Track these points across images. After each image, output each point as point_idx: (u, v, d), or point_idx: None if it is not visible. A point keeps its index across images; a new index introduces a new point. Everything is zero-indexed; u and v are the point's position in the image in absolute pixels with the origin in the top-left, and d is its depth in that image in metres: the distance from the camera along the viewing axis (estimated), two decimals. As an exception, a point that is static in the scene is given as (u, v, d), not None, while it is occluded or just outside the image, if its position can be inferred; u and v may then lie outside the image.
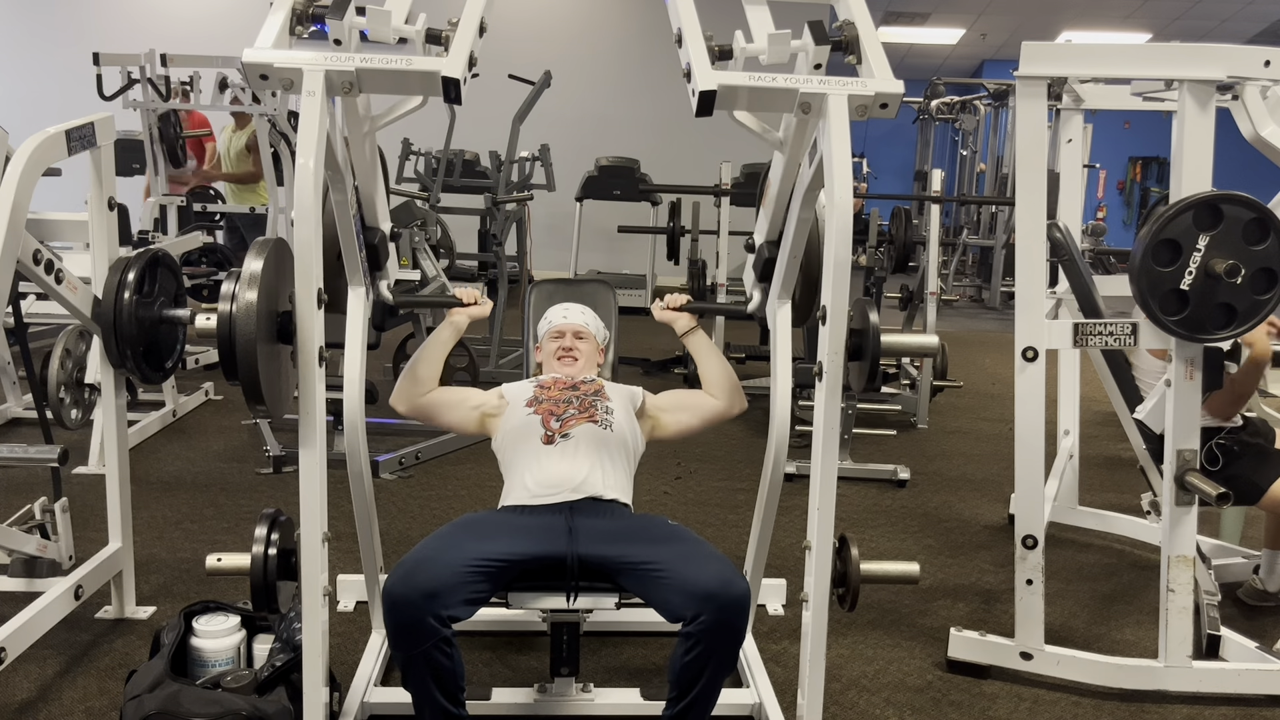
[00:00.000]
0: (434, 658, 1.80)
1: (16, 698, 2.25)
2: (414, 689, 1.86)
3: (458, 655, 1.83)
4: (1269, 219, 2.16)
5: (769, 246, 2.23)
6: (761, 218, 2.29)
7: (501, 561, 1.88)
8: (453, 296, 2.41)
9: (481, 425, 2.32)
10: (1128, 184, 14.81)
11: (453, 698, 1.85)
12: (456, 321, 2.37)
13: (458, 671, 1.84)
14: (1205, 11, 11.34)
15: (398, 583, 1.79)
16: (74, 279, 2.33)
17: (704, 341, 2.39)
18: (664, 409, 2.37)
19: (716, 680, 1.86)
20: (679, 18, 1.86)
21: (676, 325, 2.40)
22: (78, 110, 2.59)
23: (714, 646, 1.81)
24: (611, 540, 1.97)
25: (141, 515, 3.25)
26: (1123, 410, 3.05)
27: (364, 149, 2.09)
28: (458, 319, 2.38)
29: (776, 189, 2.14)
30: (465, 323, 2.38)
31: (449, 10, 1.81)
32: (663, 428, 2.35)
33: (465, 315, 2.38)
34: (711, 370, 2.36)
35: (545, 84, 5.71)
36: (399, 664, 1.86)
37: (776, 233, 2.20)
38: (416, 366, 2.31)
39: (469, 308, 2.38)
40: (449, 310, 2.41)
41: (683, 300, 2.41)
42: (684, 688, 1.86)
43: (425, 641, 1.78)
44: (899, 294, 5.16)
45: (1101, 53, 2.42)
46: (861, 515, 3.72)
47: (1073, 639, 2.67)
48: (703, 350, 2.38)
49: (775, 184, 2.15)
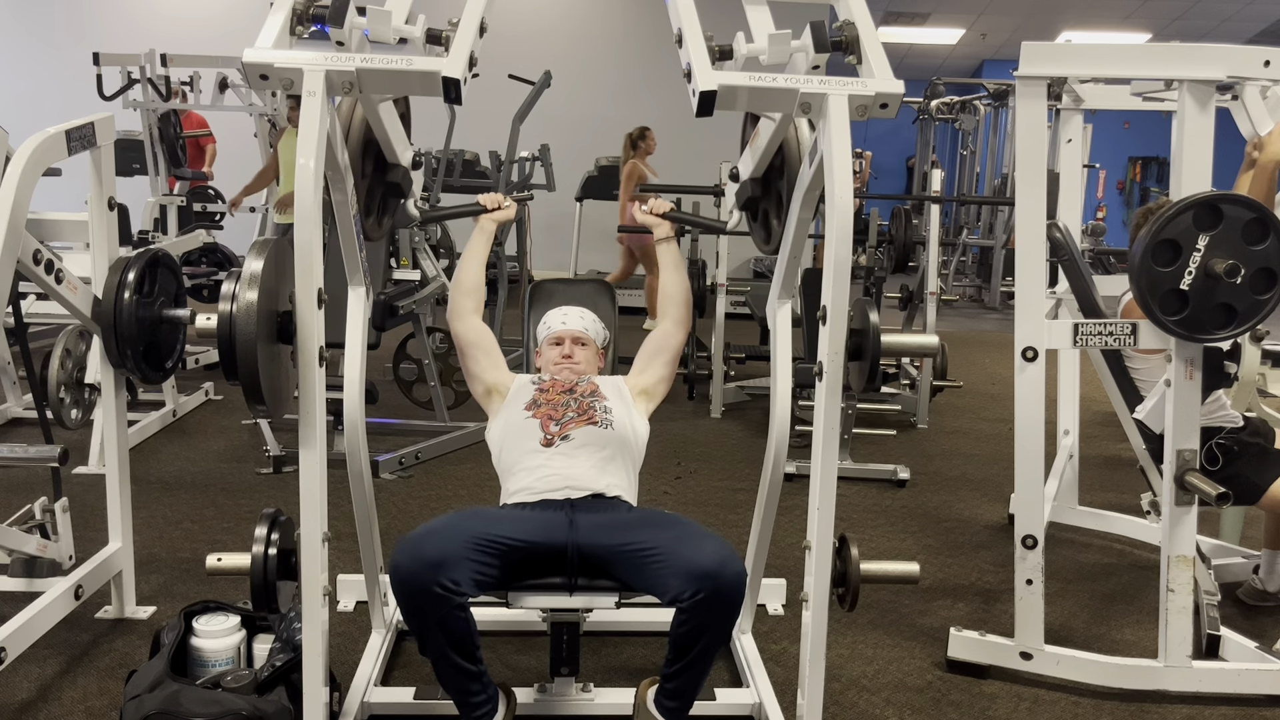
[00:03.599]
0: (447, 624, 1.83)
1: (16, 698, 2.25)
2: (431, 654, 1.90)
3: (470, 618, 1.87)
4: (1269, 219, 2.16)
5: (752, 184, 2.30)
6: (747, 154, 2.33)
7: (505, 543, 1.90)
8: (477, 204, 2.48)
9: (488, 393, 2.37)
10: (1128, 184, 14.81)
11: (470, 656, 1.91)
12: (486, 227, 2.46)
13: (472, 632, 1.88)
14: (1205, 11, 11.34)
15: (404, 556, 1.82)
16: (74, 279, 2.33)
17: (674, 254, 2.50)
18: (640, 373, 2.41)
19: (711, 650, 1.93)
20: (679, 18, 1.87)
21: (657, 231, 2.50)
22: (78, 110, 2.59)
23: (708, 622, 1.86)
24: (610, 529, 1.99)
25: (141, 515, 3.25)
26: (1123, 410, 3.05)
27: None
28: (486, 225, 2.46)
29: (767, 137, 2.15)
30: (493, 228, 2.47)
31: (449, 10, 1.81)
32: (651, 390, 2.39)
33: (491, 220, 2.46)
34: (672, 284, 2.46)
35: (545, 84, 5.72)
36: (414, 633, 1.90)
37: (761, 171, 2.27)
38: (461, 277, 2.42)
39: (494, 212, 2.46)
40: (477, 219, 2.48)
41: (667, 207, 2.51)
42: (679, 654, 1.93)
43: (437, 610, 1.81)
44: (899, 294, 5.16)
45: (1101, 53, 2.42)
46: (861, 515, 3.72)
47: (1073, 639, 2.67)
48: (670, 262, 2.48)
49: (765, 132, 2.17)
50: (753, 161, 2.27)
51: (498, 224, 2.48)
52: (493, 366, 2.39)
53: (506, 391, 2.35)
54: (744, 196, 2.32)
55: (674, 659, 1.94)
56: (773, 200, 2.32)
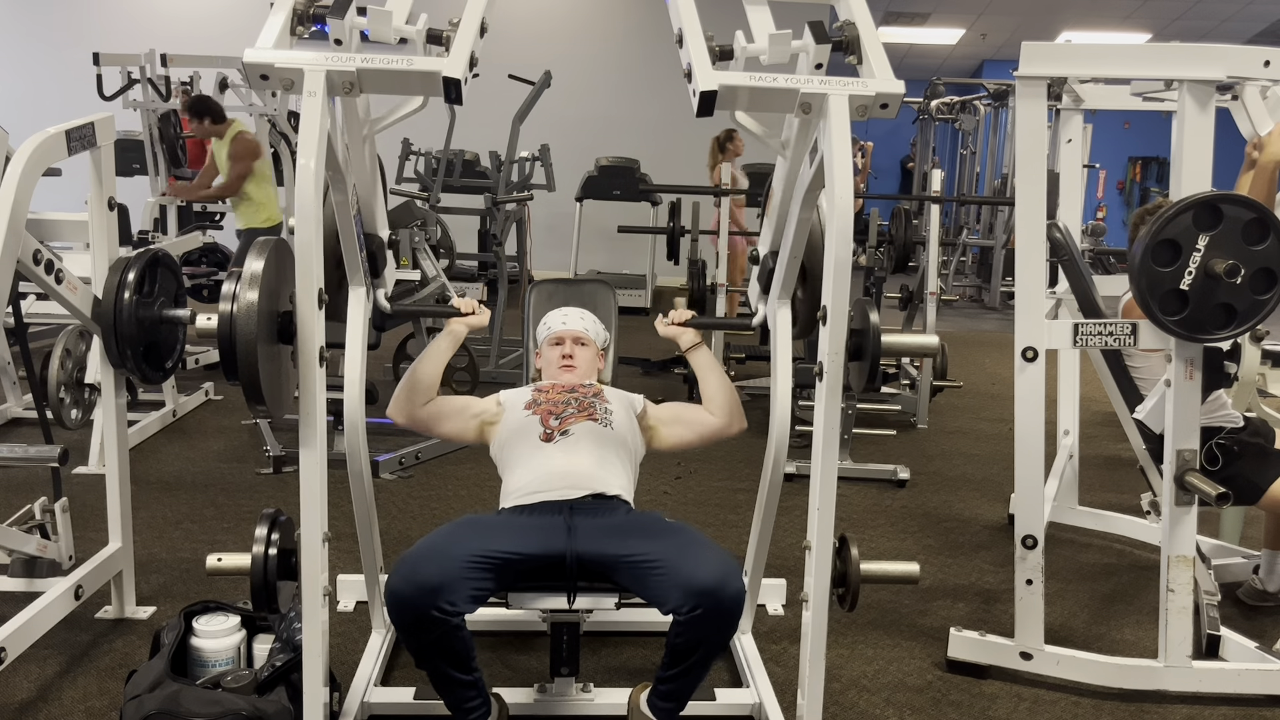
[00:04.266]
0: (444, 643, 1.85)
1: (16, 698, 2.25)
2: (428, 669, 1.92)
3: (467, 635, 1.87)
4: (1269, 219, 2.16)
5: (773, 258, 2.20)
6: (766, 228, 2.28)
7: (502, 558, 1.89)
8: (451, 306, 2.37)
9: (480, 434, 2.32)
10: (1128, 184, 14.80)
11: (466, 668, 1.92)
12: (455, 331, 2.33)
13: (469, 646, 1.90)
14: (1205, 11, 11.34)
15: (400, 580, 1.81)
16: (74, 279, 2.33)
17: (707, 358, 2.36)
18: (663, 421, 2.36)
19: (708, 659, 1.94)
20: (680, 18, 1.87)
21: (681, 340, 2.35)
22: (78, 110, 2.59)
23: (706, 635, 1.87)
24: (609, 536, 1.98)
25: (141, 515, 3.25)
26: (1123, 410, 3.05)
27: (363, 154, 2.09)
28: (457, 329, 2.33)
29: (779, 197, 2.14)
30: (464, 332, 2.34)
31: (449, 10, 1.81)
32: (660, 439, 2.35)
33: (464, 325, 2.33)
34: (713, 388, 2.33)
35: (545, 84, 5.72)
36: (409, 650, 1.91)
37: (779, 245, 2.18)
38: (415, 376, 2.28)
39: (467, 317, 2.33)
40: (448, 320, 2.37)
41: (687, 316, 2.36)
42: (675, 660, 1.93)
43: (434, 631, 1.82)
44: (899, 294, 5.16)
45: (1101, 53, 2.42)
46: (861, 515, 3.72)
47: (1072, 639, 2.67)
48: (705, 367, 2.36)
49: (778, 192, 2.15)
50: (771, 233, 2.22)
51: (469, 329, 2.34)
52: (467, 410, 2.32)
53: (501, 410, 2.32)
54: (766, 272, 2.22)
55: (670, 664, 1.95)
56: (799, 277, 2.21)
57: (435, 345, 2.33)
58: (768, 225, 2.25)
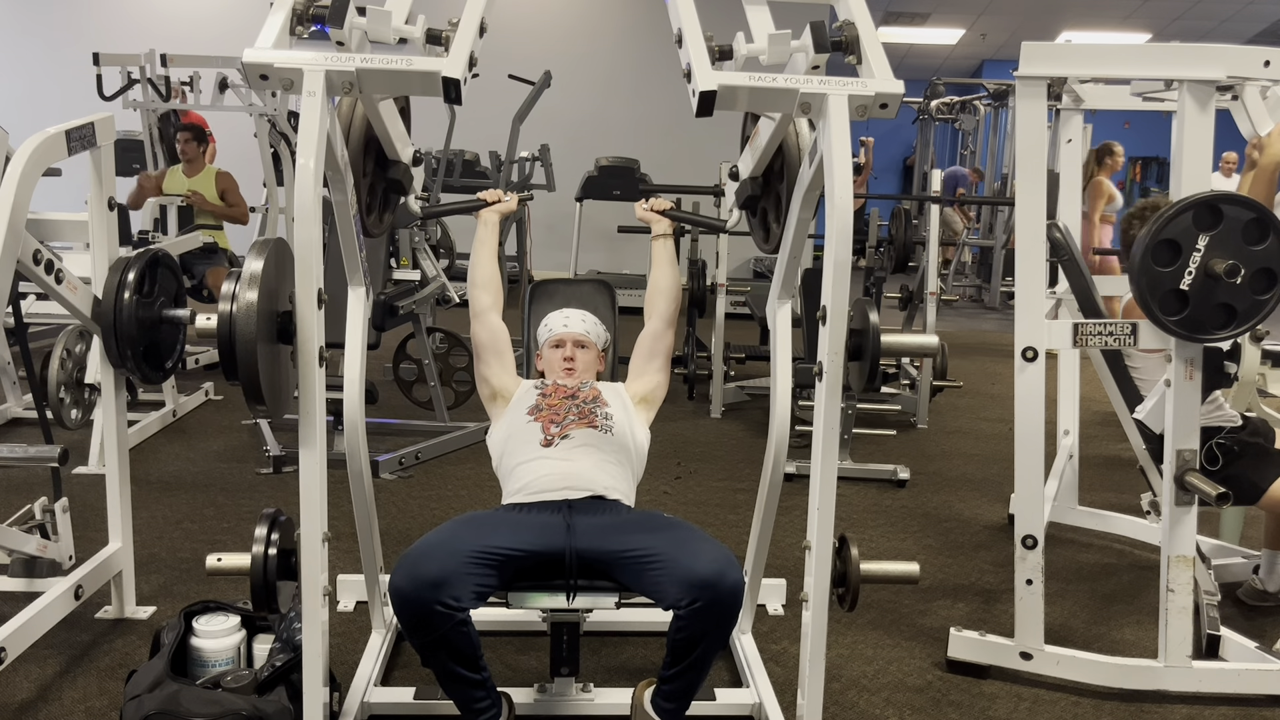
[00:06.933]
0: (450, 640, 1.84)
1: (16, 698, 2.25)
2: (435, 668, 1.91)
3: (473, 630, 1.87)
4: (1268, 219, 2.16)
5: (751, 183, 2.30)
6: (747, 153, 2.33)
7: (503, 554, 1.90)
8: (478, 199, 2.50)
9: (494, 397, 2.36)
10: (1128, 184, 14.80)
11: (473, 666, 1.91)
12: (488, 220, 2.48)
13: (475, 643, 1.89)
14: (1205, 11, 11.35)
15: (403, 577, 1.82)
16: (74, 279, 2.33)
17: (668, 251, 2.52)
18: (637, 379, 2.41)
19: (709, 654, 1.94)
20: (679, 18, 1.87)
21: (655, 226, 2.53)
22: (78, 110, 2.59)
23: (706, 629, 1.87)
24: (608, 533, 1.99)
25: (141, 515, 3.25)
26: (1123, 410, 3.05)
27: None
28: (489, 217, 2.48)
29: (767, 136, 2.15)
30: (496, 220, 2.49)
31: (449, 10, 1.81)
32: (649, 396, 2.39)
33: (493, 213, 2.48)
34: (664, 278, 2.48)
35: (545, 84, 5.72)
36: (415, 649, 1.90)
37: (760, 170, 2.28)
38: (474, 273, 2.43)
39: (495, 205, 2.48)
40: (477, 213, 2.50)
41: (666, 205, 2.55)
42: (677, 657, 1.93)
43: (440, 628, 1.82)
44: (899, 294, 5.16)
45: (1101, 53, 2.43)
46: (861, 515, 3.72)
47: (1072, 639, 2.67)
48: (661, 259, 2.50)
49: (765, 131, 2.17)
50: (752, 160, 2.27)
51: (501, 215, 2.50)
52: (503, 370, 2.38)
53: (511, 397, 2.34)
54: (744, 195, 2.32)
55: (672, 662, 1.95)
56: (772, 199, 2.32)
57: (478, 236, 2.47)
58: (749, 152, 2.31)
